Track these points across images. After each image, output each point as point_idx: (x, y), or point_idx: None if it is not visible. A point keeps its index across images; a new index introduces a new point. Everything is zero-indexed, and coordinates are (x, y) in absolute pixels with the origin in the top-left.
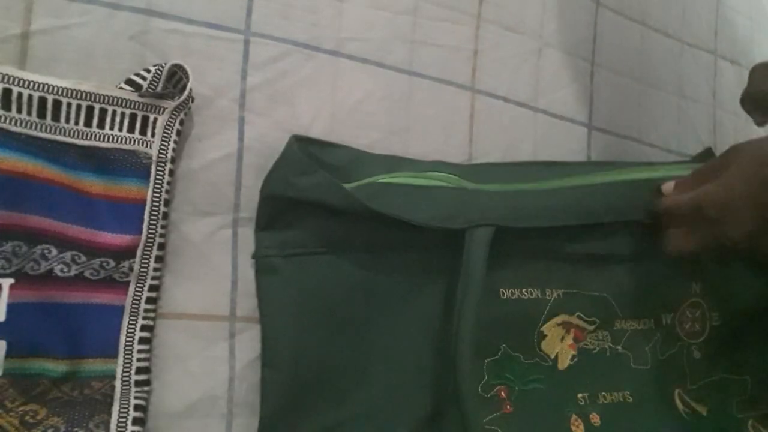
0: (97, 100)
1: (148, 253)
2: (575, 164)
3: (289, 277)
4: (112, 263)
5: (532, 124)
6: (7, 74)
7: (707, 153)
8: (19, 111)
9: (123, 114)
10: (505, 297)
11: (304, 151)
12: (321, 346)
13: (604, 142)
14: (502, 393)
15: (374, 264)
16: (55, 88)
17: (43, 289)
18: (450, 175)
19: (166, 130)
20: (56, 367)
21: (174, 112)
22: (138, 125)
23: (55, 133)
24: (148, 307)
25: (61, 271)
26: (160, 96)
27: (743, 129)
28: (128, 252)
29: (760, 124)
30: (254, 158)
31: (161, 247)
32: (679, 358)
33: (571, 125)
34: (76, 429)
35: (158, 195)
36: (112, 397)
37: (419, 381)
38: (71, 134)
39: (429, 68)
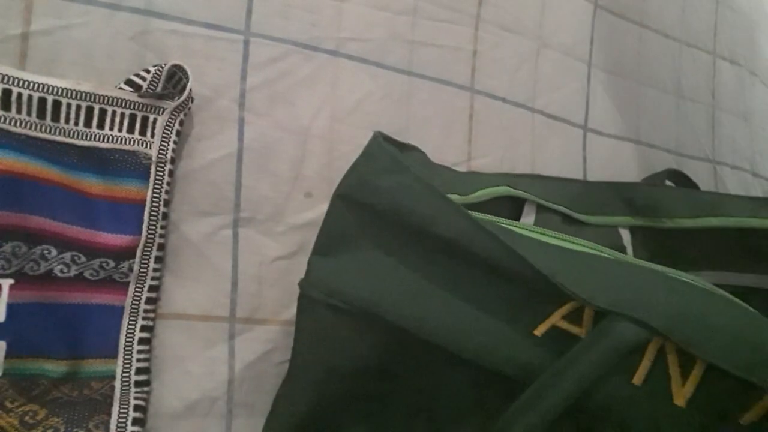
0: (96, 100)
1: (148, 253)
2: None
3: (327, 330)
4: (112, 264)
5: (529, 125)
6: (6, 74)
7: None
8: (18, 111)
9: (123, 114)
10: None
11: (390, 149)
12: (339, 405)
13: (600, 144)
14: None
15: (413, 350)
16: (55, 89)
17: (42, 290)
18: (594, 245)
19: (165, 131)
20: (56, 367)
21: (174, 113)
22: (138, 125)
23: (54, 133)
24: (148, 307)
25: (61, 271)
26: (160, 96)
27: (742, 129)
28: (128, 252)
29: None
30: (254, 158)
31: (161, 247)
32: None
33: (567, 126)
34: (75, 429)
35: (158, 195)
36: (111, 398)
37: None
38: (71, 135)
39: (428, 68)
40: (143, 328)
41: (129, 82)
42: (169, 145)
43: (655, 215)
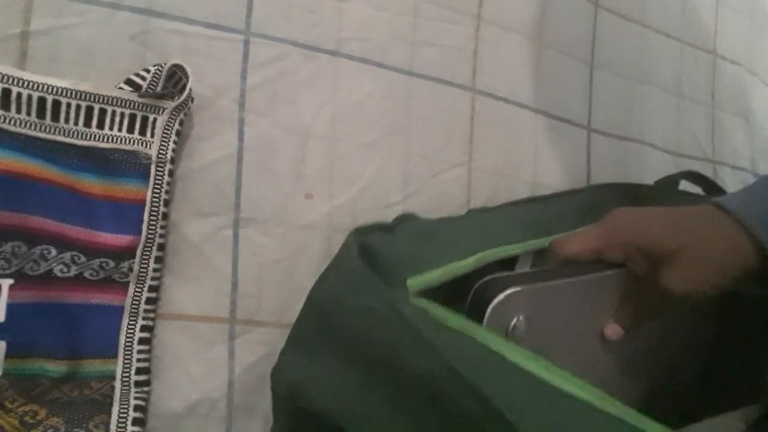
0: (96, 100)
1: (148, 253)
2: None
3: (291, 422)
4: (112, 263)
5: (532, 126)
6: (6, 74)
7: None
8: (18, 111)
9: (122, 114)
10: None
11: (365, 252)
12: None
13: (603, 144)
14: None
15: None
16: (55, 88)
17: (42, 290)
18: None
19: (165, 131)
20: (56, 367)
21: (173, 113)
22: (137, 125)
23: (54, 133)
24: (148, 307)
25: (61, 271)
26: (160, 96)
27: (742, 129)
28: (128, 252)
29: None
30: (254, 158)
31: (161, 247)
32: None
33: (571, 127)
34: (75, 429)
35: (158, 195)
36: (111, 398)
37: None
38: (71, 134)
39: (429, 68)
40: (143, 328)
41: (129, 82)
42: (169, 144)
43: None
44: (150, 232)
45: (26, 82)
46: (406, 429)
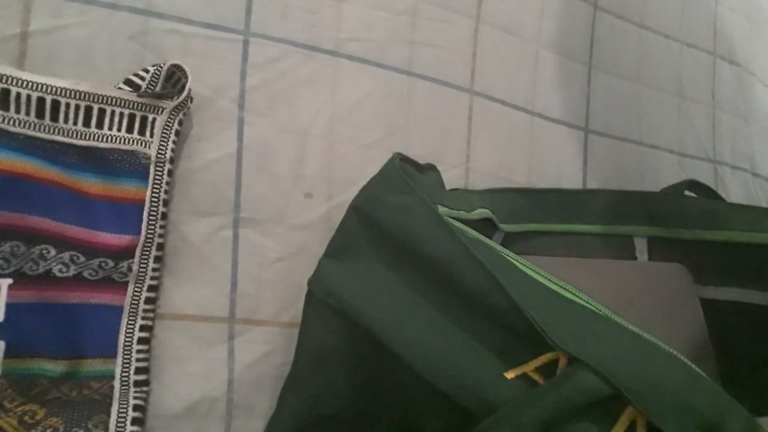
0: (95, 100)
1: (147, 253)
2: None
3: (326, 326)
4: (111, 263)
5: (528, 128)
6: (5, 74)
7: None
8: (17, 111)
9: (122, 114)
10: None
11: (404, 170)
12: (337, 398)
13: (601, 146)
14: None
15: (398, 368)
16: (54, 88)
17: (41, 290)
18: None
19: (164, 130)
20: (55, 367)
21: (173, 112)
22: (137, 125)
23: (53, 133)
24: (147, 307)
25: (60, 271)
26: (159, 96)
27: (742, 129)
28: (127, 252)
29: None
30: (254, 158)
31: (160, 247)
32: None
33: (568, 129)
34: (74, 429)
35: (157, 195)
36: (110, 398)
37: None
38: (70, 134)
39: (428, 69)
40: (142, 328)
41: (128, 82)
42: (168, 144)
43: (673, 225)
44: (149, 231)
45: (25, 82)
46: (425, 308)
